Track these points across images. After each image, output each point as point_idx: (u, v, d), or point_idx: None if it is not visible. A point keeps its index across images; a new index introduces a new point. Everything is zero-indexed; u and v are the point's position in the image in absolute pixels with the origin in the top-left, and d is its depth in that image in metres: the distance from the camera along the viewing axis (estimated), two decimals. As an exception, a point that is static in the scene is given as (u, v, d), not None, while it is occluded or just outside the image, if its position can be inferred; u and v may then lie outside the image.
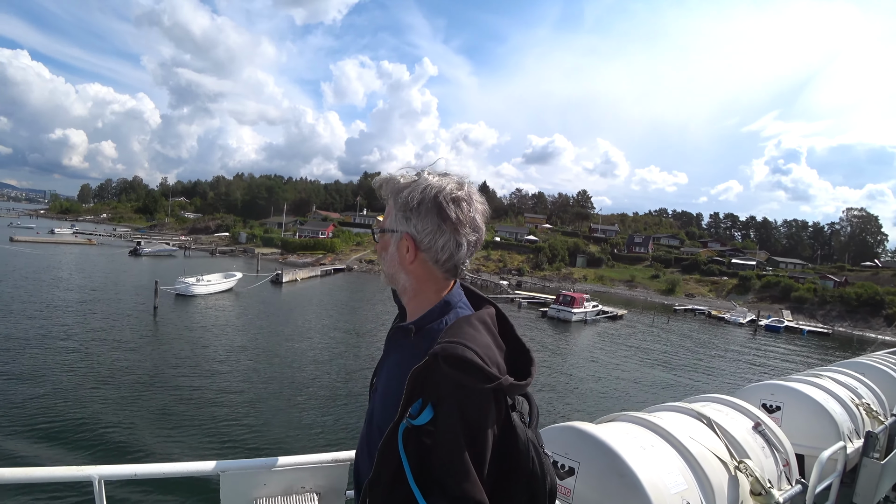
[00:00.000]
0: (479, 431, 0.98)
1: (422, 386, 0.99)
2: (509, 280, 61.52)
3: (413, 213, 1.13)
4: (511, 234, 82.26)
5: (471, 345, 0.99)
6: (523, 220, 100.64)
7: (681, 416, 3.04)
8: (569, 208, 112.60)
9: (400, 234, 1.16)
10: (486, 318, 1.13)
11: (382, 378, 1.19)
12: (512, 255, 72.92)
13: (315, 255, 65.82)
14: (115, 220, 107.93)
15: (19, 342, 16.23)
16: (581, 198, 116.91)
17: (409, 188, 1.15)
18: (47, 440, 10.01)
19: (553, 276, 67.60)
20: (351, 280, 51.39)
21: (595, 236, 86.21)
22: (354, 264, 63.18)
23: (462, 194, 1.14)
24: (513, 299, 44.22)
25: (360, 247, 72.02)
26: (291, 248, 67.97)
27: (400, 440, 0.97)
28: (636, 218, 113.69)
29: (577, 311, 35.70)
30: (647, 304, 56.40)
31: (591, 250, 76.54)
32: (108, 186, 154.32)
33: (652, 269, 71.64)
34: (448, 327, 1.07)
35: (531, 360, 1.11)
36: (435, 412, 0.98)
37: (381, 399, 1.16)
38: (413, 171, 1.19)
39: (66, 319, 20.19)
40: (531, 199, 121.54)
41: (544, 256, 71.21)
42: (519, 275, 66.48)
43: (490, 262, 70.30)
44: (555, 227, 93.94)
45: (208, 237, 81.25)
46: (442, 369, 0.96)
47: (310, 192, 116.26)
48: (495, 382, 0.96)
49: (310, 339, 21.67)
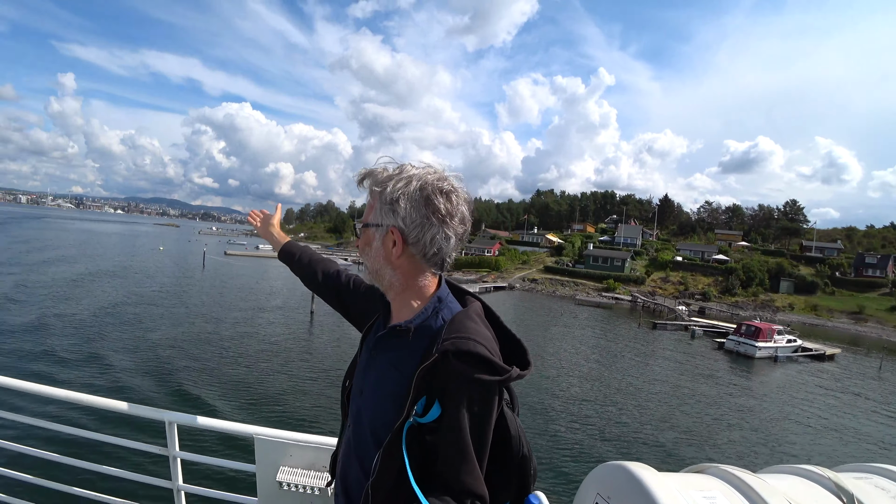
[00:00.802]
0: (484, 425, 1.01)
1: (430, 383, 1.00)
2: (690, 306, 54.56)
3: (399, 205, 1.10)
4: (696, 252, 73.06)
5: (478, 339, 1.01)
6: (713, 236, 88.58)
7: (805, 483, 1.61)
8: (773, 222, 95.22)
9: (385, 228, 1.14)
10: (479, 312, 1.14)
11: (371, 379, 1.17)
12: (696, 276, 64.48)
13: (480, 272, 67.74)
14: (310, 238, 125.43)
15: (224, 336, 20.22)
16: (790, 209, 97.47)
17: (393, 180, 1.12)
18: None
19: (747, 303, 57.69)
20: (510, 298, 51.52)
21: (808, 256, 71.01)
22: (517, 283, 63.21)
23: (449, 185, 1.12)
24: (686, 327, 39.03)
25: (526, 265, 71.82)
26: (457, 266, 71.05)
27: (403, 439, 0.99)
28: (870, 232, 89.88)
29: (763, 344, 29.83)
30: (879, 343, 44.31)
31: (800, 273, 63.35)
32: (307, 210, 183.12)
33: (891, 299, 56.19)
34: (449, 323, 1.06)
35: (525, 349, 1.11)
36: (443, 409, 0.99)
37: (373, 400, 1.14)
38: (394, 163, 1.17)
39: (245, 313, 24.66)
40: (724, 212, 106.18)
41: (736, 279, 61.42)
42: (703, 300, 58.57)
43: (668, 284, 63.31)
44: (753, 244, 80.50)
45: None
46: (452, 365, 0.97)
47: (481, 211, 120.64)
48: (505, 375, 0.98)
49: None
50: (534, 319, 37.53)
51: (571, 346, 27.66)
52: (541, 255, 76.91)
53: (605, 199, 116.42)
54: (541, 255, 76.39)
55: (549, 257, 74.84)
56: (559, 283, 62.30)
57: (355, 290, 1.57)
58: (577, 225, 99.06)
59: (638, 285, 61.57)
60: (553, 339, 29.74)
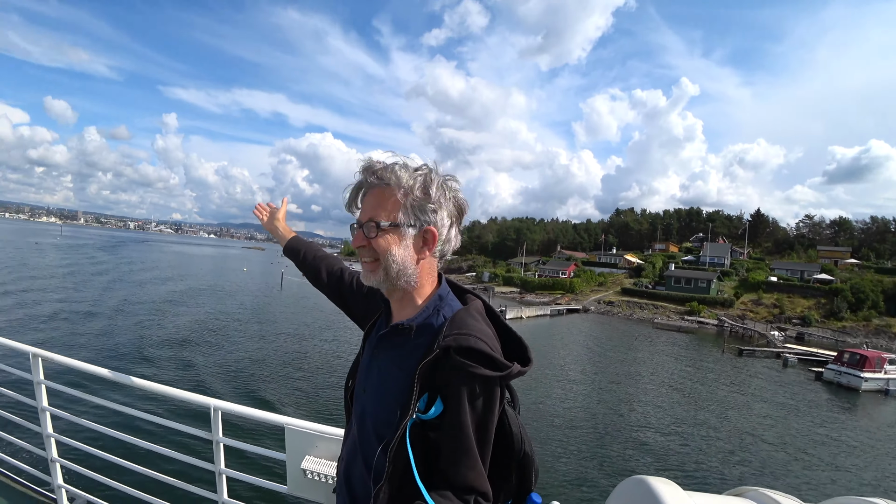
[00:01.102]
0: (486, 421, 1.02)
1: (431, 380, 1.01)
2: (786, 331, 49.85)
3: (434, 202, 1.14)
4: (794, 272, 66.67)
5: (480, 336, 1.02)
6: (815, 254, 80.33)
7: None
8: (889, 236, 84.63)
9: (419, 227, 1.15)
10: (480, 310, 1.16)
11: (374, 378, 1.18)
12: (794, 299, 58.72)
13: (553, 294, 66.55)
14: None
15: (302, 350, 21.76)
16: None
17: (422, 176, 1.14)
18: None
19: (857, 329, 51.61)
20: (583, 321, 50.11)
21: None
22: (592, 305, 61.28)
23: (456, 182, 1.19)
24: (778, 354, 35.73)
25: (602, 287, 69.49)
26: (530, 288, 70.39)
27: (407, 436, 1.00)
28: None
29: (870, 375, 26.65)
30: None
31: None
32: None
33: None
34: (451, 320, 1.08)
35: (526, 346, 1.13)
36: (445, 405, 1.00)
37: (376, 398, 1.15)
38: (395, 158, 1.18)
39: (308, 328, 26.02)
40: (828, 226, 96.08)
41: (843, 301, 55.16)
42: (802, 325, 53.20)
43: (761, 307, 58.18)
44: (865, 262, 72.01)
45: (457, 276, 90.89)
46: (454, 361, 0.98)
47: (557, 232, 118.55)
48: (506, 371, 1.00)
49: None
50: (607, 343, 36.21)
51: (645, 372, 26.48)
52: (618, 276, 74.06)
53: (689, 216, 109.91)
54: (618, 277, 73.55)
55: (627, 279, 71.87)
56: (637, 305, 59.58)
57: (358, 290, 1.56)
58: (659, 244, 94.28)
59: (725, 308, 57.28)
60: (626, 363, 28.62)
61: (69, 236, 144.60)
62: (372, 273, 1.17)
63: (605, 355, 30.87)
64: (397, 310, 1.21)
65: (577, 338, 38.61)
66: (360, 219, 1.17)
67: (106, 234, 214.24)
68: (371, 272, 1.17)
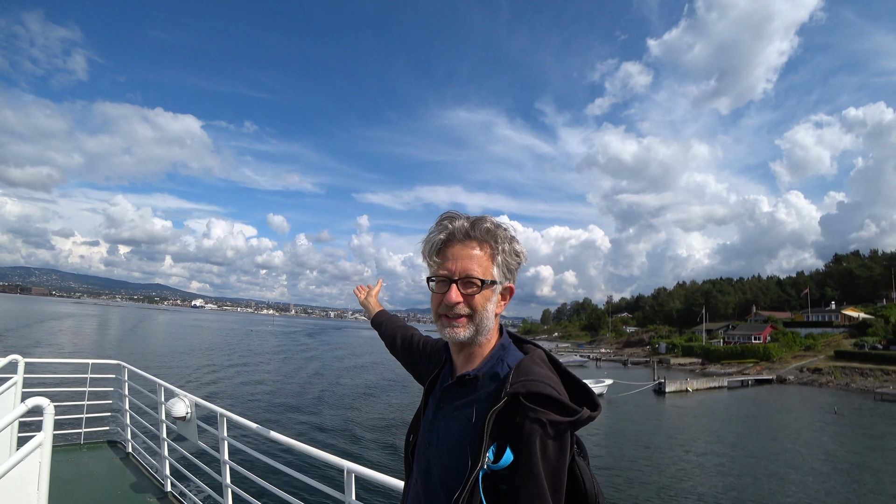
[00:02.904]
0: (559, 469, 0.98)
1: (500, 428, 0.99)
2: None
3: (514, 263, 1.20)
4: None
5: (547, 381, 1.02)
6: None
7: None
8: None
9: (504, 285, 1.20)
10: (543, 358, 1.15)
11: (439, 429, 1.16)
12: None
13: (744, 363, 57.07)
14: (564, 337, 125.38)
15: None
16: None
17: (507, 237, 1.19)
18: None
19: None
20: (776, 394, 42.06)
21: None
22: (791, 374, 50.85)
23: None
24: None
25: (810, 351, 57.56)
26: (714, 357, 61.86)
27: (480, 487, 0.96)
28: None
29: None
30: None
31: None
32: (563, 309, 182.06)
33: None
34: (516, 368, 1.07)
35: (590, 391, 1.09)
36: (515, 454, 0.96)
37: (442, 451, 1.12)
38: (467, 214, 1.21)
39: None
40: None
41: None
42: None
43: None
44: None
45: (638, 349, 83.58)
46: (523, 408, 0.97)
47: (756, 291, 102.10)
48: (576, 416, 0.98)
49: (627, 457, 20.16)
50: (785, 420, 29.77)
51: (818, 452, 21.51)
52: (834, 336, 60.51)
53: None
54: (834, 338, 60.07)
55: (845, 339, 58.16)
56: (857, 372, 47.65)
57: (423, 350, 1.63)
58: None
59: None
60: (801, 442, 23.56)
61: (281, 324, 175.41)
62: (462, 329, 1.15)
63: (771, 434, 25.71)
64: (462, 362, 1.22)
65: (750, 412, 32.74)
66: (453, 273, 1.15)
67: (311, 323, 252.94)
68: (461, 328, 1.15)
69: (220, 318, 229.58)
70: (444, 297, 1.15)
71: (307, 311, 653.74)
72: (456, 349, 1.24)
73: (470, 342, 1.17)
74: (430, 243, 1.19)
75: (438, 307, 1.18)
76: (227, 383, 29.38)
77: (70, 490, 4.44)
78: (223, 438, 3.52)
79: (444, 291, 1.15)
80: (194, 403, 4.09)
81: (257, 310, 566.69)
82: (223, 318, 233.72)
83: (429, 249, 1.19)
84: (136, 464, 5.33)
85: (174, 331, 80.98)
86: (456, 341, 1.17)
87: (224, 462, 3.52)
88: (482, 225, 1.16)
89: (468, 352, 1.20)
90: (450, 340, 1.19)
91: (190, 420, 4.08)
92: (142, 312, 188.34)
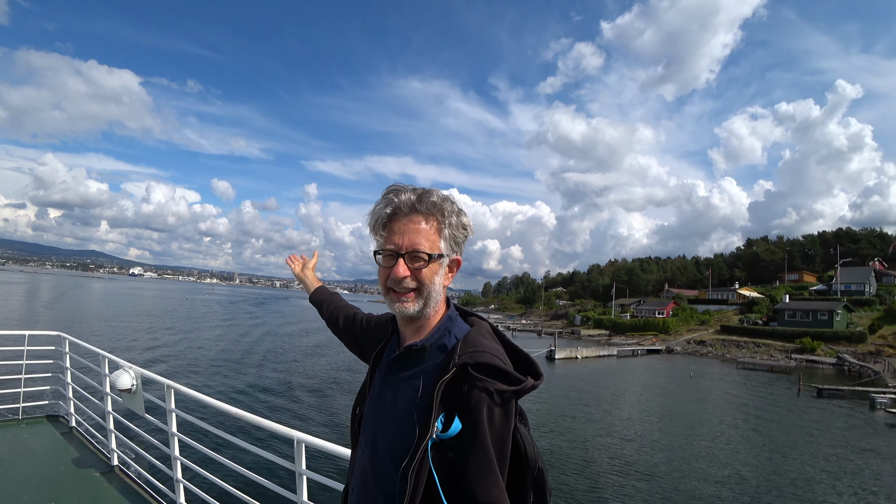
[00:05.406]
0: (504, 437, 1.02)
1: (448, 398, 1.01)
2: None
3: (462, 236, 1.20)
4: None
5: (494, 352, 1.05)
6: None
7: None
8: None
9: (451, 258, 1.20)
10: (489, 329, 1.18)
11: (387, 401, 1.16)
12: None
13: (645, 335, 61.74)
14: (500, 309, 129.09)
15: None
16: None
17: (454, 210, 1.19)
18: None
19: None
20: (656, 362, 46.07)
21: None
22: (679, 345, 55.62)
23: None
24: (868, 394, 29.28)
25: (703, 326, 62.59)
26: (620, 329, 66.43)
27: (429, 456, 0.98)
28: None
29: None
30: None
31: None
32: (504, 282, 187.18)
33: None
34: (464, 339, 1.10)
35: (534, 362, 1.12)
36: (463, 423, 0.98)
37: (390, 422, 1.13)
38: (413, 186, 1.20)
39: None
40: None
41: None
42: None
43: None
44: None
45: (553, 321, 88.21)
46: (472, 378, 0.99)
47: (676, 270, 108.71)
48: (520, 385, 1.01)
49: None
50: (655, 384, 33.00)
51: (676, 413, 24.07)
52: (727, 313, 66.18)
53: (837, 238, 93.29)
54: (727, 314, 65.75)
55: (735, 315, 63.74)
56: (735, 344, 52.67)
57: (367, 326, 1.61)
58: (791, 275, 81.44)
59: (853, 344, 47.77)
60: (663, 405, 26.23)
61: (224, 293, 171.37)
62: (411, 303, 1.15)
63: (646, 397, 28.55)
64: (409, 334, 1.22)
65: (629, 378, 36.14)
66: (399, 247, 1.14)
67: (255, 292, 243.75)
68: (409, 302, 1.15)
69: (160, 286, 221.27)
70: (391, 272, 1.14)
71: (252, 281, 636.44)
72: (404, 322, 1.23)
73: (430, 313, 1.18)
74: (376, 217, 1.17)
75: (386, 281, 1.17)
76: (168, 351, 29.16)
77: (8, 467, 4.28)
78: (171, 410, 3.43)
79: (391, 266, 1.15)
80: (140, 375, 3.99)
81: (200, 279, 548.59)
82: (163, 286, 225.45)
83: (374, 223, 1.18)
84: (81, 438, 5.14)
85: (111, 299, 78.06)
86: (405, 315, 1.17)
87: (172, 434, 3.46)
88: (429, 198, 1.15)
89: (416, 324, 1.20)
90: (399, 315, 1.20)
91: (136, 392, 3.99)
92: (75, 280, 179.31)
